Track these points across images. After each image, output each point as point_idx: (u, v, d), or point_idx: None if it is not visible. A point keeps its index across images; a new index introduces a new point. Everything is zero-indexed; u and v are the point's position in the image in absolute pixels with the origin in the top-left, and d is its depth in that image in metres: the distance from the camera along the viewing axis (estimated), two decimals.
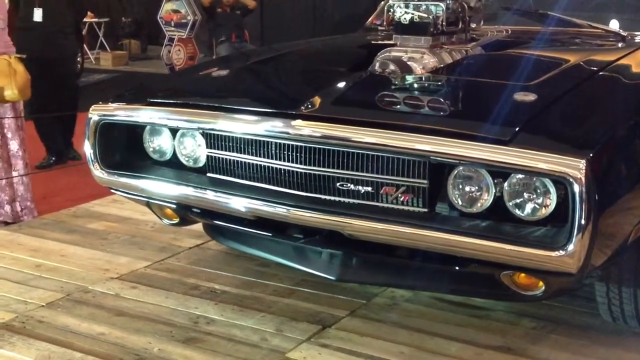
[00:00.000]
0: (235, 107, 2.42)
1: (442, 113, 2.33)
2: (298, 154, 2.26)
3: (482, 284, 2.25)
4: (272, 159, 2.32)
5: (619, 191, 2.04)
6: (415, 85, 2.55)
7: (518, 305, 2.71)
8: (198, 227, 3.06)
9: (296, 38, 4.07)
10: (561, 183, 1.90)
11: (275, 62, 3.07)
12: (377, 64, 2.63)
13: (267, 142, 2.31)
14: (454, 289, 2.44)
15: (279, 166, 2.31)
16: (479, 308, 2.73)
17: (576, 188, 1.84)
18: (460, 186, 2.10)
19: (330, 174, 2.23)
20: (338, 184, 2.23)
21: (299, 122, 2.24)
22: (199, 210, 2.60)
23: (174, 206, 2.60)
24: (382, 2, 3.62)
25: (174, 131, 2.56)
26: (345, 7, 9.88)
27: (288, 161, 2.28)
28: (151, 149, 2.64)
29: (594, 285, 2.45)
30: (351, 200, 2.23)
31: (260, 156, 2.35)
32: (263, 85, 2.87)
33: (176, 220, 2.75)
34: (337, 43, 3.55)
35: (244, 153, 2.38)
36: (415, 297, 2.83)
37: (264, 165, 2.35)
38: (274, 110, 2.34)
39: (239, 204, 2.39)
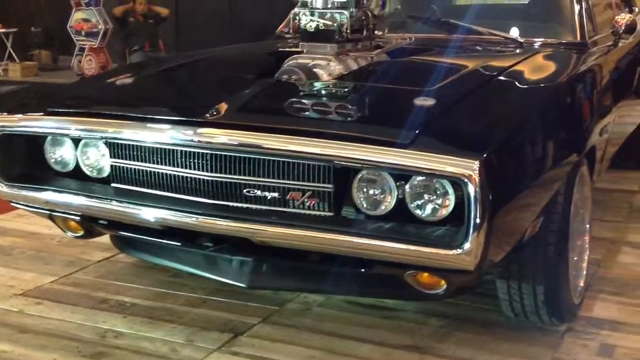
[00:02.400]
0: (139, 115, 2.38)
1: (346, 118, 2.37)
2: (203, 162, 2.24)
3: (389, 285, 2.29)
4: (177, 167, 2.30)
5: (514, 190, 2.12)
6: (320, 92, 2.58)
7: (427, 305, 2.78)
8: (108, 239, 3.00)
9: (212, 46, 4.05)
10: (458, 184, 1.96)
11: (181, 69, 3.04)
12: (283, 71, 2.65)
13: (172, 150, 2.29)
14: (363, 291, 2.47)
15: (185, 174, 2.29)
16: (390, 309, 2.78)
17: (470, 188, 1.90)
18: (365, 189, 2.14)
19: (237, 181, 2.23)
20: (245, 190, 2.23)
21: (203, 129, 2.23)
22: (105, 222, 2.54)
23: (77, 218, 2.54)
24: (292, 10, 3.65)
25: (76, 141, 2.50)
26: (262, 14, 9.90)
27: (194, 169, 2.27)
28: (53, 160, 2.57)
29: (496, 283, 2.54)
30: (259, 207, 2.23)
31: (165, 164, 2.32)
32: (169, 93, 2.84)
33: (81, 233, 2.68)
34: (246, 51, 3.56)
35: (149, 162, 2.35)
36: (328, 301, 2.86)
37: (170, 174, 2.32)
38: (179, 118, 2.31)
39: (146, 214, 2.35)
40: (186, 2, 10.74)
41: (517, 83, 2.62)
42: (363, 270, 2.21)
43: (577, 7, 3.24)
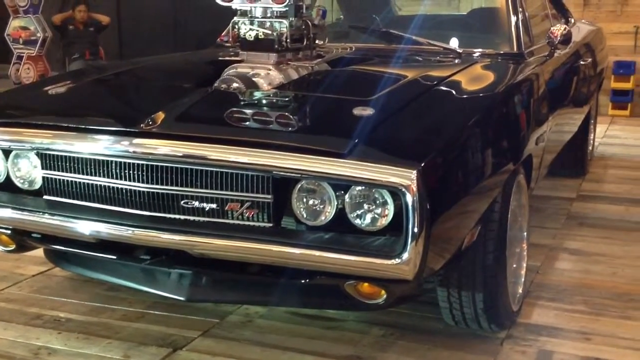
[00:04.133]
0: (72, 124, 2.32)
1: (285, 128, 2.35)
2: (139, 172, 2.19)
3: (330, 296, 2.27)
4: (112, 178, 2.24)
5: (452, 198, 2.14)
6: (259, 101, 2.56)
7: (369, 315, 2.77)
8: (42, 252, 2.90)
9: (155, 55, 3.98)
10: (396, 193, 1.96)
11: (118, 78, 2.98)
12: (223, 80, 2.62)
13: (107, 161, 2.23)
14: (305, 302, 2.44)
15: (120, 186, 2.23)
16: (332, 320, 2.77)
17: (408, 198, 1.91)
18: (304, 200, 2.12)
19: (174, 192, 2.18)
20: (182, 202, 2.19)
21: (138, 139, 2.18)
22: (38, 236, 2.46)
23: (8, 232, 2.45)
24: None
25: (6, 152, 2.42)
26: (207, 22, 9.79)
27: (129, 180, 2.21)
28: None
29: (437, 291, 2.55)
30: (197, 218, 2.19)
31: (100, 176, 2.26)
32: (104, 102, 2.77)
33: (13, 247, 2.58)
34: (185, 59, 3.51)
35: (82, 173, 2.28)
36: (270, 313, 2.82)
37: (105, 185, 2.26)
38: (113, 128, 2.26)
39: (80, 227, 2.29)
40: (128, 10, 10.57)
41: (455, 93, 2.65)
42: (304, 281, 2.19)
43: (513, 19, 3.30)
